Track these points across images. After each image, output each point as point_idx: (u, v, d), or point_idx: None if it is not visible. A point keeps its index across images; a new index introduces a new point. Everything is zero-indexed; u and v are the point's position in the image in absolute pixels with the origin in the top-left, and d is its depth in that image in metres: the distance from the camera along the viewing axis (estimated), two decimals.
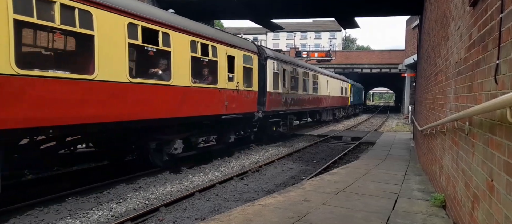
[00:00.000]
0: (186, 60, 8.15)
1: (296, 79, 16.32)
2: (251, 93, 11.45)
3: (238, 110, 10.48)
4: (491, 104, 2.23)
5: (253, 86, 11.53)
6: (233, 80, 10.19)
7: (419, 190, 6.04)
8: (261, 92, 12.42)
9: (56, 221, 5.40)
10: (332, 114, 25.35)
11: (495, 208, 2.42)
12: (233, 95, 10.15)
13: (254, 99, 11.63)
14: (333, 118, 26.00)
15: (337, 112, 27.23)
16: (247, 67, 11.15)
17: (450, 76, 4.71)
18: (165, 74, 7.69)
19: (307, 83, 18.13)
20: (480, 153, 2.91)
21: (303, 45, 69.68)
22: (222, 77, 9.55)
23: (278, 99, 13.81)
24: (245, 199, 6.85)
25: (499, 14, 2.42)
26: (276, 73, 13.51)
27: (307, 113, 19.23)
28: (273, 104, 13.29)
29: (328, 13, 18.05)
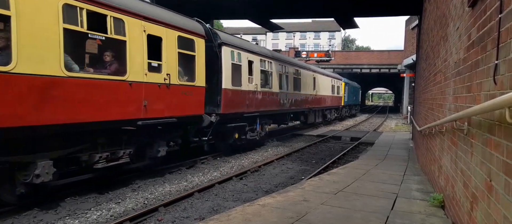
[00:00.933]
0: (53, 35, 5.23)
1: (269, 75, 13.45)
2: (194, 90, 8.55)
3: (169, 113, 7.66)
4: (490, 104, 2.23)
5: (197, 80, 8.62)
6: (160, 71, 7.42)
7: (418, 190, 6.05)
8: (213, 89, 9.83)
9: (55, 221, 5.39)
10: (321, 115, 22.78)
11: (493, 208, 2.43)
12: (158, 92, 7.36)
13: (199, 98, 8.78)
14: (323, 119, 23.52)
15: (328, 113, 24.69)
16: (187, 54, 8.31)
17: (449, 76, 4.71)
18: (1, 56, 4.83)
19: (286, 80, 15.31)
20: (479, 153, 2.91)
21: (302, 45, 69.72)
22: (135, 65, 6.68)
23: (241, 98, 11.10)
24: (244, 199, 6.85)
25: (498, 15, 2.43)
26: (236, 65, 10.76)
27: (288, 114, 16.37)
28: (233, 105, 10.60)
29: (327, 13, 18.04)
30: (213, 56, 9.79)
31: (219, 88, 9.98)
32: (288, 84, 15.51)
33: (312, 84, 19.45)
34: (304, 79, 17.83)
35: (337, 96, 26.67)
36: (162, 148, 8.03)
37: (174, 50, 7.86)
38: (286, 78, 15.31)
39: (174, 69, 7.82)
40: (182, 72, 8.25)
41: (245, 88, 11.31)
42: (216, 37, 10.03)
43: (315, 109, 20.53)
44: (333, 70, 35.69)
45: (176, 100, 7.94)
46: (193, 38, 8.56)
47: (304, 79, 17.91)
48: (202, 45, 8.91)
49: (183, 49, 8.18)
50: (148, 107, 7.07)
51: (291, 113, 16.63)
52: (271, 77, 13.57)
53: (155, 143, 7.93)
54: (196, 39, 8.68)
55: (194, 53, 8.57)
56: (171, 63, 7.75)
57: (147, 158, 7.99)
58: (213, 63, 9.74)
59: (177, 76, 7.93)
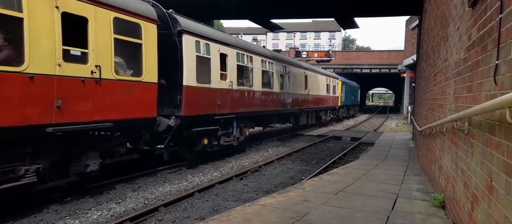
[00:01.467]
0: None
1: (249, 71, 11.77)
2: (141, 88, 6.90)
3: (100, 116, 6.05)
4: (490, 104, 2.23)
5: (145, 75, 6.97)
6: (86, 61, 5.87)
7: (419, 190, 6.05)
8: (173, 86, 8.30)
9: (55, 221, 5.39)
10: (315, 116, 21.11)
11: (494, 209, 2.43)
12: (82, 90, 5.75)
13: (149, 97, 7.16)
14: (317, 121, 21.90)
15: (324, 114, 22.96)
16: (130, 42, 6.73)
17: (450, 76, 4.71)
18: None
19: (272, 78, 13.65)
20: (479, 153, 2.91)
21: (302, 45, 69.71)
22: (41, 52, 5.09)
23: (211, 98, 9.39)
24: (244, 199, 6.85)
25: (499, 15, 2.43)
26: (203, 58, 9.04)
27: (274, 116, 14.71)
28: (199, 105, 8.96)
29: (327, 13, 18.04)
30: (172, 47, 8.23)
31: (179, 85, 8.28)
32: (274, 82, 13.81)
33: (303, 83, 17.74)
34: (293, 77, 16.16)
35: (333, 96, 25.05)
36: (92, 161, 6.28)
37: (108, 35, 6.16)
38: (272, 76, 13.68)
39: (107, 60, 6.10)
40: (122, 65, 6.64)
41: (215, 86, 9.51)
42: (175, 23, 8.28)
43: (307, 110, 18.78)
44: (333, 70, 35.67)
45: (111, 100, 6.21)
46: (138, 21, 6.82)
47: (294, 77, 16.24)
48: (152, 31, 7.21)
49: (124, 35, 6.53)
50: (65, 108, 5.42)
51: (278, 115, 15.02)
52: (251, 74, 11.84)
53: (83, 154, 6.23)
54: (144, 23, 6.94)
55: (140, 41, 6.89)
56: (103, 52, 6.02)
57: (73, 174, 6.24)
58: (172, 56, 8.22)
59: (112, 69, 6.20)
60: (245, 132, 11.85)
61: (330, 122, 24.95)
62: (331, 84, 24.14)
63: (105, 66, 6.07)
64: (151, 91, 7.25)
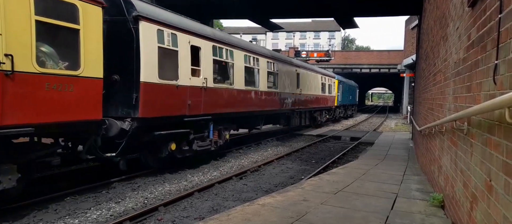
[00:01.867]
0: None
1: (229, 67, 10.36)
2: (78, 84, 5.69)
3: (12, 120, 4.80)
4: (489, 104, 2.24)
5: (84, 68, 5.77)
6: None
7: (418, 190, 6.05)
8: (127, 83, 7.03)
9: (55, 221, 5.39)
10: (309, 117, 19.65)
11: (493, 208, 2.43)
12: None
13: (91, 95, 5.98)
14: (312, 122, 20.71)
15: (318, 114, 21.54)
16: (61, 26, 5.48)
17: (449, 76, 4.72)
18: None
19: (257, 75, 12.27)
20: (479, 153, 2.91)
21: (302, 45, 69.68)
22: None
23: (178, 97, 8.03)
24: (244, 198, 6.85)
25: (498, 15, 2.43)
26: (168, 50, 7.74)
27: (261, 117, 13.22)
28: (162, 105, 7.64)
29: (327, 13, 18.05)
30: (127, 36, 6.96)
31: (135, 82, 6.98)
32: (259, 80, 12.36)
33: (294, 82, 16.31)
34: (283, 75, 14.70)
35: (329, 96, 23.60)
36: (5, 177, 5.00)
37: (26, 17, 4.92)
38: (257, 73, 12.25)
39: (25, 48, 4.88)
40: (52, 56, 5.45)
41: (185, 83, 8.16)
42: (130, 7, 6.95)
43: (300, 110, 17.46)
44: (333, 70, 35.68)
45: (32, 98, 5.01)
46: (73, 2, 5.55)
47: (284, 75, 14.82)
48: (96, 15, 5.98)
49: (52, 17, 5.28)
50: None
51: (266, 116, 13.58)
52: (232, 71, 10.45)
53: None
54: (83, 5, 5.68)
55: (76, 26, 5.62)
56: (18, 37, 4.83)
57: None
58: (127, 46, 6.99)
59: (33, 59, 4.97)
60: (225, 135, 10.43)
61: (326, 123, 23.91)
62: (326, 83, 22.60)
63: (21, 55, 4.81)
64: (93, 88, 5.98)
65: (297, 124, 17.83)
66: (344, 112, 30.92)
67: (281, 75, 14.55)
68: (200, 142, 9.15)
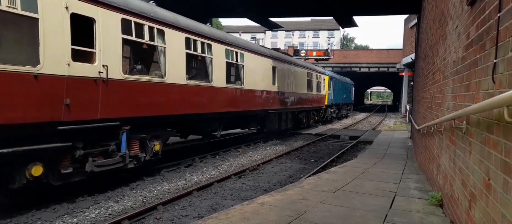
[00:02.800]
0: None
1: (159, 52, 7.75)
2: None
3: None
4: (488, 103, 2.24)
5: None
6: None
7: (417, 189, 6.06)
8: None
9: (53, 220, 5.38)
10: (291, 119, 16.90)
11: (492, 207, 2.43)
12: None
13: None
14: (296, 125, 18.05)
15: (304, 115, 18.97)
16: None
17: (448, 75, 4.72)
18: None
19: (209, 66, 9.47)
20: (477, 152, 2.91)
21: (301, 44, 69.66)
22: None
23: (39, 93, 5.18)
24: (243, 197, 6.85)
25: (497, 13, 2.43)
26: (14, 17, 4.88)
27: (216, 120, 10.44)
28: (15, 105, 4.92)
29: (326, 12, 18.05)
30: None
31: None
32: (213, 73, 9.44)
33: (269, 77, 13.45)
34: (252, 69, 11.82)
35: (318, 95, 20.72)
36: None
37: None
38: (210, 63, 9.41)
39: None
40: None
41: (56, 71, 5.35)
42: None
43: (279, 111, 14.68)
44: (332, 69, 35.65)
45: None
46: None
47: (253, 68, 11.92)
48: None
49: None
50: None
51: (228, 118, 11.03)
52: (163, 58, 7.69)
53: None
54: None
55: None
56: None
57: None
58: None
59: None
60: (153, 146, 7.71)
61: (311, 126, 21.05)
62: (314, 80, 19.69)
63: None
64: None
65: (275, 127, 14.75)
66: (338, 112, 28.28)
67: (249, 68, 11.63)
68: (104, 159, 6.53)
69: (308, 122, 20.11)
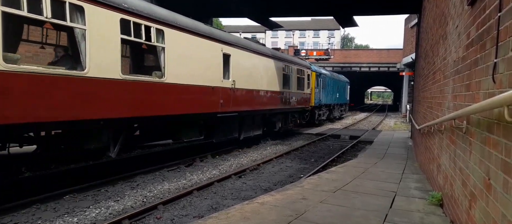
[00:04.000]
0: None
1: None
2: None
3: None
4: (488, 103, 2.23)
5: None
6: None
7: (417, 189, 6.06)
8: None
9: (54, 219, 5.38)
10: (259, 124, 13.33)
11: (492, 207, 2.43)
12: None
13: None
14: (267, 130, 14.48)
15: (281, 119, 15.20)
16: None
17: (448, 75, 4.72)
18: None
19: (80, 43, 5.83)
20: (478, 152, 2.91)
21: (301, 43, 69.66)
22: None
23: None
24: (243, 197, 6.85)
25: (497, 13, 2.43)
26: None
27: (102, 131, 6.92)
28: None
29: (327, 11, 18.05)
30: None
31: None
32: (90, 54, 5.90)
33: (219, 68, 9.80)
34: (182, 54, 8.25)
35: (300, 93, 16.76)
36: None
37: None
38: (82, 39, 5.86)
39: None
40: None
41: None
42: None
43: (234, 115, 10.78)
44: (332, 69, 35.60)
45: None
46: None
47: (184, 54, 8.34)
48: None
49: None
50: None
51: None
52: None
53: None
54: None
55: None
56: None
57: None
58: None
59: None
60: None
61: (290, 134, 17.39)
62: (293, 76, 15.71)
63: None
64: None
65: (231, 136, 11.25)
66: (329, 113, 24.87)
67: (176, 53, 8.00)
68: None
69: (286, 126, 16.07)
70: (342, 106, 30.47)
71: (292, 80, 15.82)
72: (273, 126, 14.88)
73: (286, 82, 15.10)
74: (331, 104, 25.10)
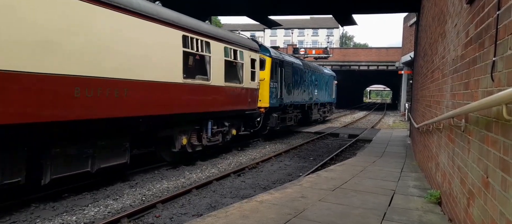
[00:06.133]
0: None
1: None
2: None
3: None
4: (487, 101, 2.24)
5: None
6: None
7: (415, 187, 6.07)
8: None
9: (52, 218, 5.38)
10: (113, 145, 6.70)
11: (490, 204, 2.44)
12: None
13: None
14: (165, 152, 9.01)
15: (181, 133, 8.48)
16: None
17: (447, 73, 4.72)
18: None
19: None
20: (476, 150, 2.92)
21: (300, 42, 69.62)
22: None
23: None
24: (242, 195, 6.86)
25: (496, 11, 2.43)
26: None
27: None
28: None
29: (325, 10, 18.05)
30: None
31: None
32: None
33: None
34: None
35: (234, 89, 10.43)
36: None
37: None
38: None
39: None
40: None
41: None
42: None
43: None
44: (331, 67, 35.58)
45: None
46: None
47: None
48: None
49: None
50: None
51: None
52: None
53: None
54: None
55: None
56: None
57: None
58: None
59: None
60: None
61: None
62: (216, 59, 9.34)
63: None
64: None
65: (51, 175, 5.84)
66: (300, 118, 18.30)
67: None
68: None
69: (205, 142, 9.34)
70: (325, 107, 24.11)
71: (214, 66, 9.17)
72: (168, 145, 8.56)
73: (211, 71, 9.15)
74: (305, 104, 18.83)
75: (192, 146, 9.01)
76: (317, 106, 21.65)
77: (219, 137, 10.02)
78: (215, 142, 9.87)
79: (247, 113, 11.48)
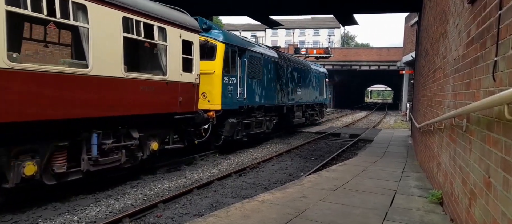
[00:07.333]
0: None
1: None
2: None
3: None
4: (488, 101, 2.24)
5: None
6: None
7: (417, 187, 6.07)
8: None
9: (54, 217, 5.39)
10: None
11: (492, 205, 2.44)
12: None
13: None
14: None
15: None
16: None
17: (448, 73, 4.72)
18: None
19: None
20: (478, 150, 2.91)
21: (301, 42, 69.60)
22: None
23: None
24: (243, 195, 6.86)
25: (498, 11, 2.42)
26: None
27: None
28: None
29: (327, 9, 18.01)
30: None
31: None
32: None
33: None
34: None
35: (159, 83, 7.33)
36: None
37: None
38: None
39: None
40: None
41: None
42: None
43: None
44: (332, 67, 35.54)
45: None
46: None
47: None
48: None
49: None
50: None
51: None
52: None
53: None
54: None
55: None
56: None
57: None
58: None
59: None
60: None
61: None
62: (101, 32, 5.82)
63: None
64: None
65: None
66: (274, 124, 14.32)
67: None
68: None
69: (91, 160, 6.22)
70: (313, 109, 20.14)
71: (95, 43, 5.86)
72: None
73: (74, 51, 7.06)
74: (284, 106, 15.27)
75: (52, 174, 5.66)
76: (301, 108, 17.82)
77: (120, 156, 6.71)
78: (111, 164, 6.53)
79: (179, 118, 8.05)
